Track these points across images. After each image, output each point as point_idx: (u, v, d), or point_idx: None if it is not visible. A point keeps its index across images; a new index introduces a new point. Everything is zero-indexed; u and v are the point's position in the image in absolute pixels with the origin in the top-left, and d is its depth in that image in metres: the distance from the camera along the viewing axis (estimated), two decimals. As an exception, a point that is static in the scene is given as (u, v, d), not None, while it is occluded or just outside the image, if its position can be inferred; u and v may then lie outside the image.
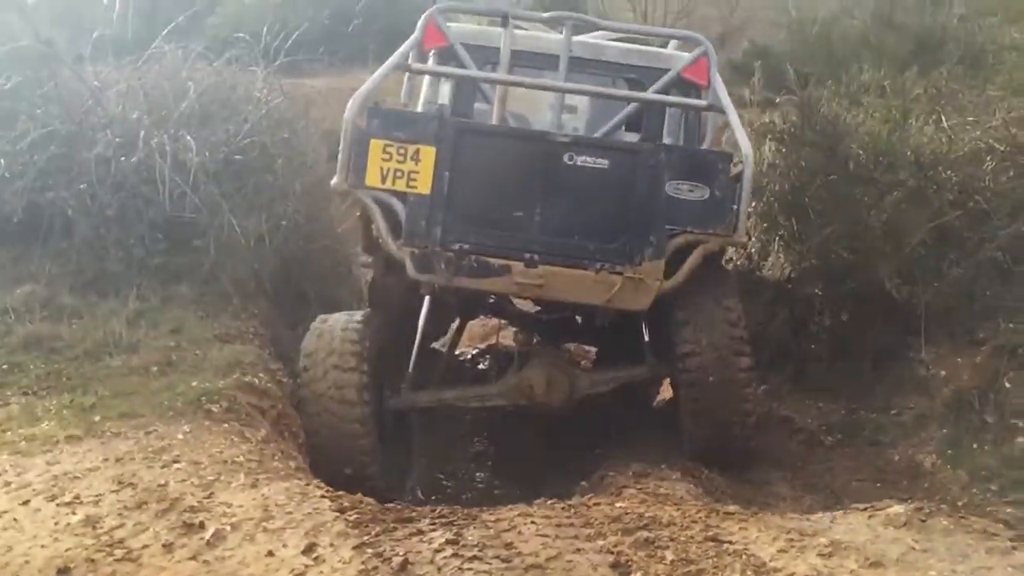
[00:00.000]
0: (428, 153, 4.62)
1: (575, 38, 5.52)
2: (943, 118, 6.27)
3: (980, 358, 5.24)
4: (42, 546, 3.18)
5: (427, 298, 5.37)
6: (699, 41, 5.48)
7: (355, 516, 3.40)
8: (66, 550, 3.14)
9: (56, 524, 3.32)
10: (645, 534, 3.17)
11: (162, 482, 3.66)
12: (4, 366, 5.16)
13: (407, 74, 6.12)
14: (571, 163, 4.67)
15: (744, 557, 2.98)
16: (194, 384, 4.77)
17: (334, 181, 4.71)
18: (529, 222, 4.70)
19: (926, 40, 8.94)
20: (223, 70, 7.63)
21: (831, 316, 6.10)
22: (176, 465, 3.85)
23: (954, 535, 3.09)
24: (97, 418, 4.39)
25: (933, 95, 6.88)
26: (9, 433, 4.27)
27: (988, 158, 5.85)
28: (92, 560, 3.08)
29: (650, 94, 5.33)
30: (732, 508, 3.53)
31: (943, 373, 5.42)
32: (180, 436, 4.18)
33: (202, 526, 3.29)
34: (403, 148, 4.60)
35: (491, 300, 5.89)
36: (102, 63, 7.74)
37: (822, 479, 5.22)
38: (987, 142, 5.78)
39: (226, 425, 4.42)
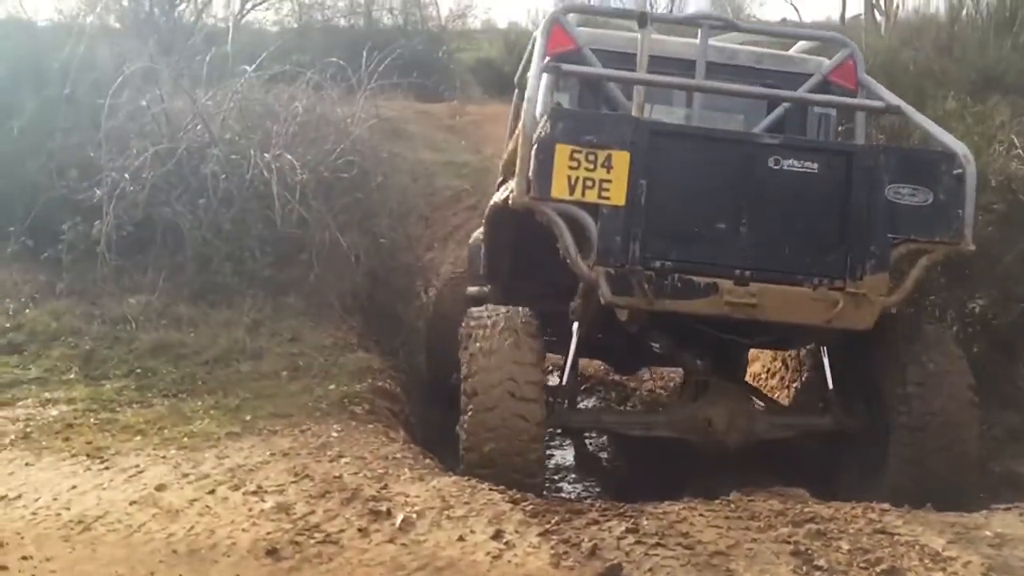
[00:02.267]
0: (622, 159, 4.03)
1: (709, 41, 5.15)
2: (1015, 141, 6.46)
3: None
4: (243, 530, 3.37)
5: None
6: (845, 43, 5.25)
7: (531, 507, 3.59)
8: (267, 533, 3.33)
9: (250, 511, 3.52)
10: (815, 526, 3.35)
11: (336, 474, 3.87)
12: (138, 370, 5.41)
13: (515, 95, 6.33)
14: (778, 168, 4.17)
15: (917, 547, 3.15)
16: (332, 388, 4.99)
17: (513, 195, 4.15)
18: (735, 235, 4.18)
19: (989, 70, 9.16)
20: (323, 93, 7.92)
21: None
22: (343, 459, 4.06)
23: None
24: (248, 417, 4.62)
25: (1007, 122, 7.09)
26: (166, 431, 4.50)
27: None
28: (296, 543, 3.27)
29: (826, 96, 5.02)
30: (886, 505, 3.70)
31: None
32: (335, 434, 4.40)
33: (389, 514, 3.49)
34: (593, 154, 4.01)
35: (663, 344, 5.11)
36: (199, 87, 8.08)
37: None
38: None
39: (371, 425, 4.64)
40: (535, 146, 4.04)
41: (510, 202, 4.15)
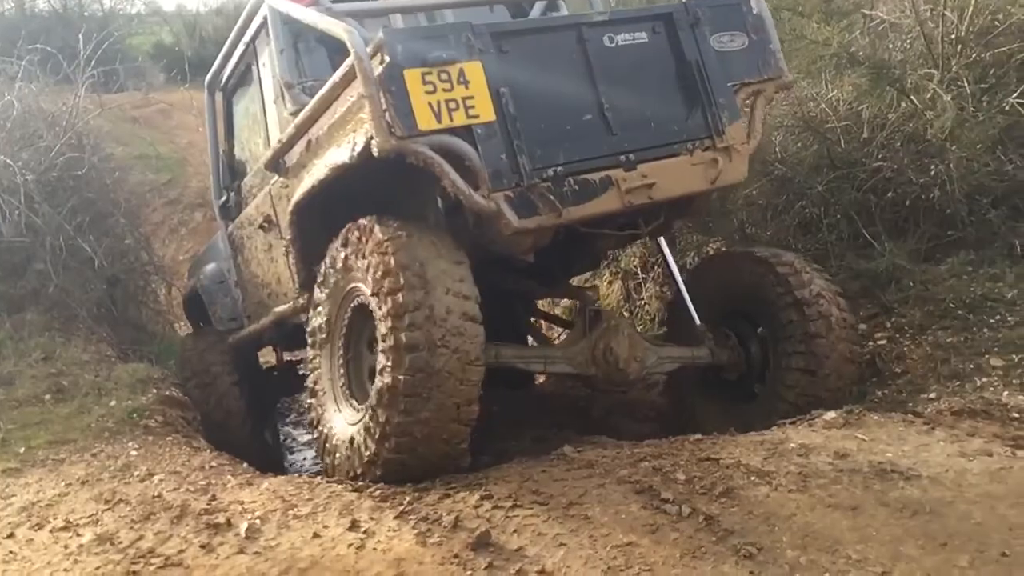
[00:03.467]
0: (475, 70, 3.69)
1: None
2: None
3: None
4: (65, 570, 3.03)
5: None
6: None
7: (378, 492, 3.51)
8: (96, 569, 3.01)
9: (66, 548, 3.16)
10: (649, 464, 3.57)
11: (154, 493, 3.56)
12: None
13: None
14: (613, 45, 4.10)
15: (741, 467, 3.46)
16: (113, 404, 4.55)
17: (375, 142, 3.56)
18: (603, 123, 3.99)
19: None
20: (32, 86, 7.08)
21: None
22: (155, 477, 3.74)
23: (886, 426, 3.79)
24: (22, 449, 4.11)
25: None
26: (-79, 479, 3.89)
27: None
28: (133, 573, 2.98)
29: None
30: (699, 435, 4.02)
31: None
32: (134, 452, 4.04)
33: (229, 524, 3.27)
34: (445, 72, 3.62)
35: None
36: None
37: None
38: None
39: (170, 438, 4.31)
40: (381, 80, 3.53)
41: (376, 153, 3.55)
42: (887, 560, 2.81)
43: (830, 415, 3.98)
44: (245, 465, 4.12)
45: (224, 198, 5.89)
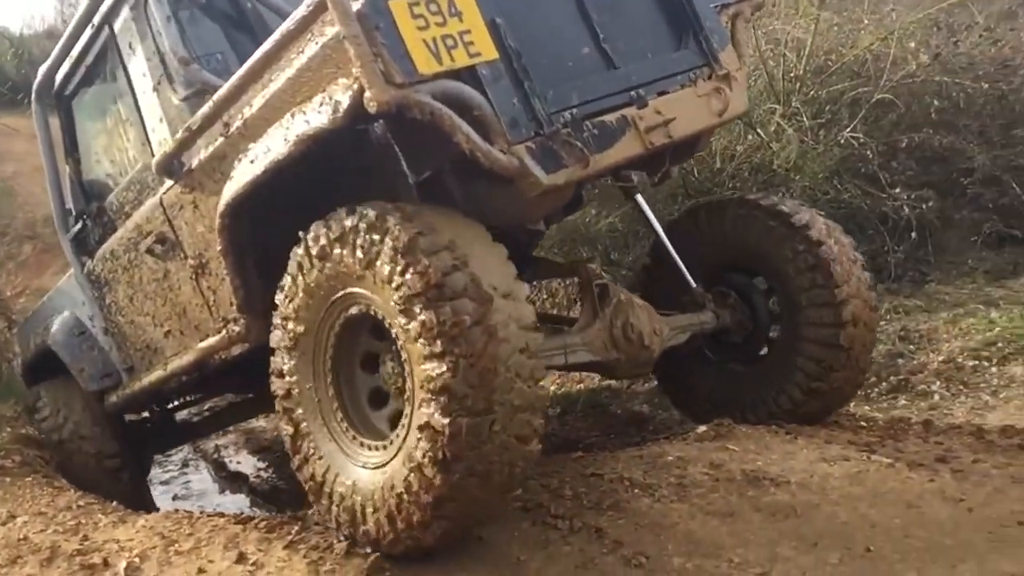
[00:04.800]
0: None
1: None
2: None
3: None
4: (-77, 625, 2.81)
5: None
6: None
7: (263, 524, 3.42)
8: (-40, 621, 2.82)
9: (-77, 600, 2.93)
10: (538, 482, 3.65)
11: (20, 536, 3.35)
12: None
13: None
14: None
15: (624, 481, 3.54)
16: (-38, 445, 4.24)
17: (371, 94, 2.73)
18: (602, 55, 3.46)
19: None
20: None
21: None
22: (19, 519, 3.53)
23: (753, 437, 4.02)
24: None
25: None
26: None
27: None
28: (3, 621, 2.80)
29: None
30: (580, 453, 4.12)
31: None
32: (-9, 497, 3.77)
33: (107, 563, 3.12)
34: (433, 2, 2.93)
35: None
36: None
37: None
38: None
39: (29, 478, 4.05)
40: (363, 16, 2.76)
41: (371, 108, 2.75)
42: (765, 561, 2.99)
43: (701, 429, 4.19)
44: (115, 503, 3.93)
45: (77, 228, 4.76)
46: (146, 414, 5.50)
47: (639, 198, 4.66)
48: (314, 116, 2.95)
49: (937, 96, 6.83)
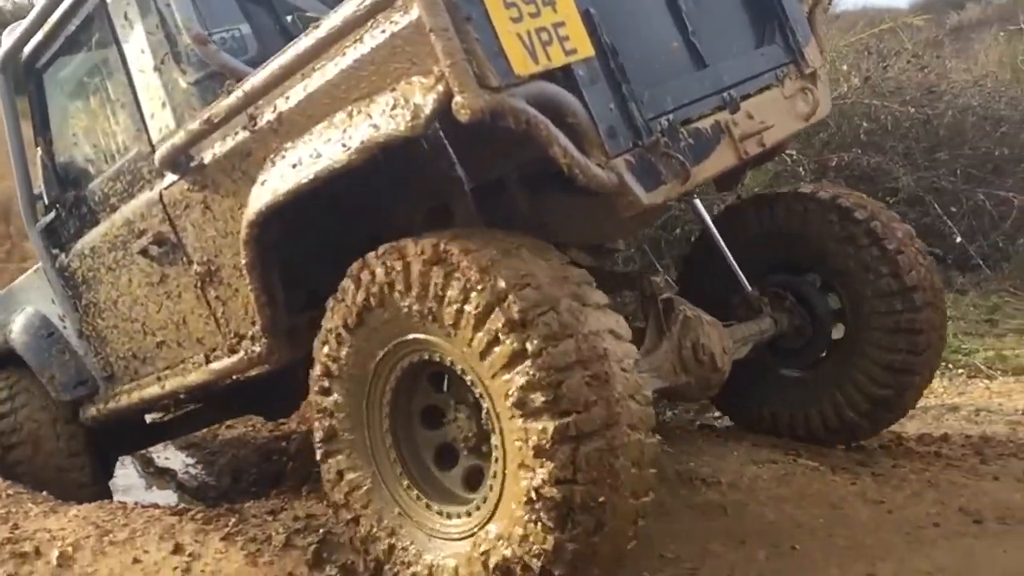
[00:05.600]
0: None
1: None
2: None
3: None
4: None
5: None
6: None
7: (200, 516, 3.40)
8: None
9: None
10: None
11: (-55, 526, 3.27)
12: None
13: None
14: None
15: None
16: None
17: (462, 99, 2.29)
18: (691, 51, 3.06)
19: None
20: None
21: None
22: (-59, 511, 3.43)
23: (687, 439, 4.15)
24: None
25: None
26: None
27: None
28: (-70, 609, 2.75)
29: None
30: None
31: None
32: (-88, 484, 3.67)
33: (39, 552, 3.08)
34: None
35: None
36: None
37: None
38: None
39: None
40: (452, 6, 2.32)
41: (462, 116, 2.30)
42: (696, 557, 3.09)
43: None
44: (45, 493, 3.85)
45: (50, 218, 4.18)
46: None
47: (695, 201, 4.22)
48: (384, 120, 2.49)
49: (866, 118, 7.12)
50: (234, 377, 3.48)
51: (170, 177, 3.39)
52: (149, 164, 3.48)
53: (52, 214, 4.15)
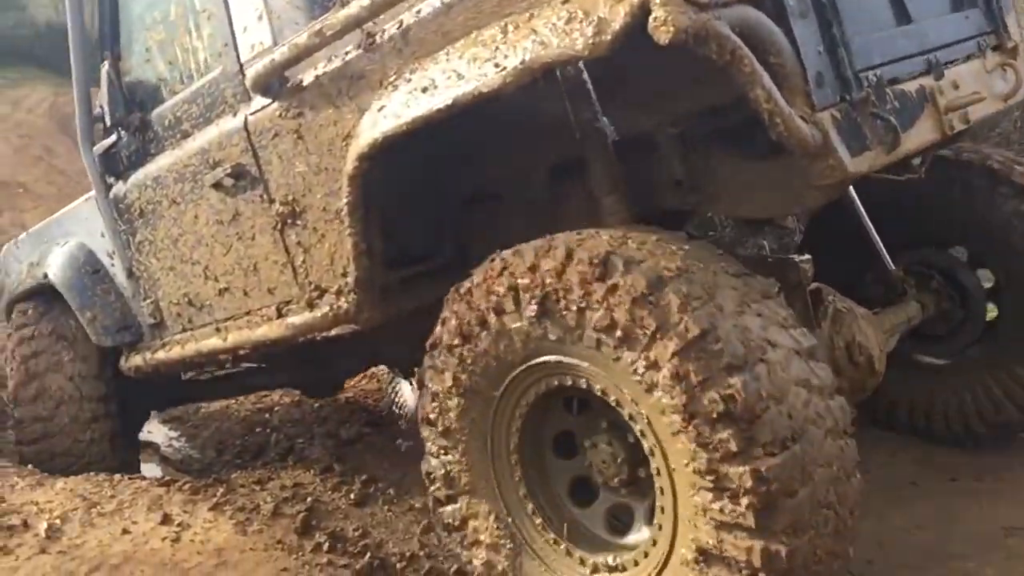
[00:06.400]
0: None
1: None
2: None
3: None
4: None
5: None
6: None
7: (187, 487, 3.42)
8: None
9: None
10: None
11: (-70, 500, 3.26)
12: None
13: None
14: None
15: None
16: None
17: (660, 16, 1.92)
18: (892, 3, 2.64)
19: None
20: None
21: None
22: (-71, 482, 3.42)
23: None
24: None
25: None
26: None
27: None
28: (-81, 582, 2.75)
29: None
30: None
31: None
32: None
33: (27, 525, 3.07)
34: None
35: None
36: None
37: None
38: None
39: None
40: None
41: (661, 36, 1.92)
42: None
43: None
44: (31, 467, 3.85)
45: (109, 141, 3.71)
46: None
47: None
48: (555, 37, 2.09)
49: None
50: (311, 335, 3.13)
51: (259, 101, 2.98)
52: (235, 86, 3.09)
53: (112, 137, 3.70)
